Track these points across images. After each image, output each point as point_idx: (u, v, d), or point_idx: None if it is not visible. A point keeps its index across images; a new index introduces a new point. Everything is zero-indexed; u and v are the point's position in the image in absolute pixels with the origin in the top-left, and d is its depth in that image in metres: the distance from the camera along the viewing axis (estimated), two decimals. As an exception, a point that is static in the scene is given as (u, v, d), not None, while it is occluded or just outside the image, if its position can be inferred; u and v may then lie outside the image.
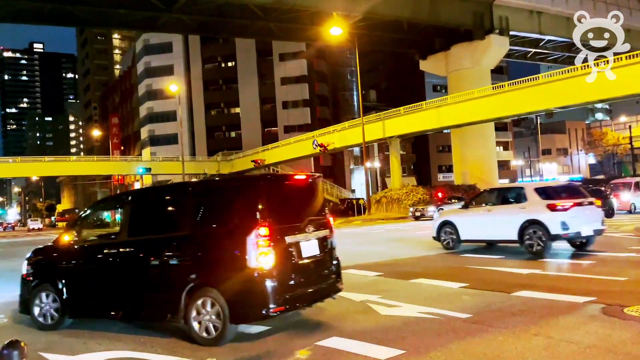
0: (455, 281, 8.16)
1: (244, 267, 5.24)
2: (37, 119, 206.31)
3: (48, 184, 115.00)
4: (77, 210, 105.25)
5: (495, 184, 43.84)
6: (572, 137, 78.97)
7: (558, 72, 31.78)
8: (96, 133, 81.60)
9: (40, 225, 78.09)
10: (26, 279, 6.82)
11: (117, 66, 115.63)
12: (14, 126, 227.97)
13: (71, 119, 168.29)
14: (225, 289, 5.30)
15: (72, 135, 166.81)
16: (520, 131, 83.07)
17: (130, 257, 6.10)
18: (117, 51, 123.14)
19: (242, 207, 5.58)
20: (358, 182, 59.00)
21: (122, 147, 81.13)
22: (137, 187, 70.13)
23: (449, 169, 58.05)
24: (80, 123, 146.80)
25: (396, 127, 40.02)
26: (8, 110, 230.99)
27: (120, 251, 6.20)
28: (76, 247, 6.64)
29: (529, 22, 44.44)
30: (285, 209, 5.76)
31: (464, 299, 7.00)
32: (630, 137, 55.36)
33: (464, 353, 4.63)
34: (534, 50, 51.05)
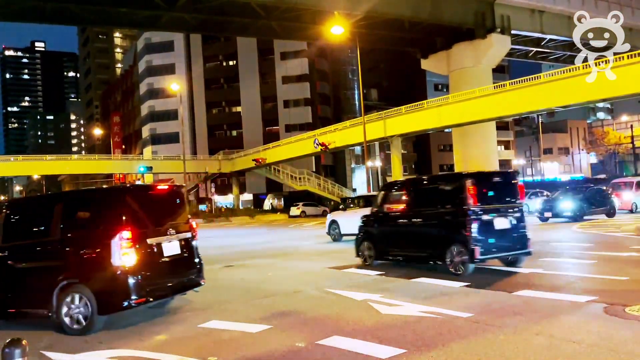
0: (457, 280, 8.16)
1: (109, 265, 6.04)
2: (39, 117, 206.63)
3: (49, 182, 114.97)
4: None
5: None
6: (574, 137, 78.85)
7: (559, 72, 31.66)
8: (97, 132, 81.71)
9: None
10: None
11: (119, 65, 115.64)
12: (16, 125, 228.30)
13: (72, 117, 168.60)
14: (93, 285, 6.06)
15: (74, 134, 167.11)
16: (522, 130, 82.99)
17: (5, 261, 6.63)
18: (118, 50, 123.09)
19: (108, 213, 6.41)
20: (359, 181, 58.98)
21: (124, 146, 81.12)
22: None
23: (450, 168, 57.96)
24: (81, 122, 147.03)
25: (397, 126, 39.96)
26: (9, 108, 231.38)
27: None
28: None
29: (531, 21, 44.34)
30: (148, 215, 6.67)
31: (465, 298, 7.00)
32: (632, 137, 55.33)
33: (465, 352, 4.63)
34: (535, 49, 50.88)
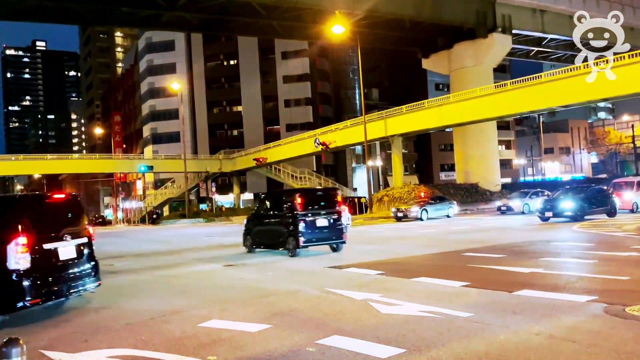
0: (456, 280, 8.15)
1: (5, 269, 6.50)
2: (40, 116, 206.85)
3: (50, 182, 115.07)
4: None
5: (497, 182, 43.89)
6: (575, 136, 78.80)
7: (560, 71, 31.64)
8: (98, 131, 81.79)
9: None
10: None
11: (120, 64, 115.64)
12: (17, 124, 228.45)
13: (73, 116, 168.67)
14: None
15: (75, 133, 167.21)
16: (523, 130, 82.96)
17: None
18: (119, 49, 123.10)
19: (5, 220, 6.73)
20: (360, 181, 58.97)
21: (125, 145, 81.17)
22: (139, 185, 70.30)
23: (451, 168, 57.99)
24: (82, 121, 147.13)
25: (398, 126, 39.97)
26: (11, 108, 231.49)
27: None
28: None
29: (532, 20, 44.34)
30: (45, 222, 7.07)
31: (465, 297, 6.99)
32: (633, 136, 55.32)
33: (465, 352, 4.62)
34: (536, 48, 50.89)
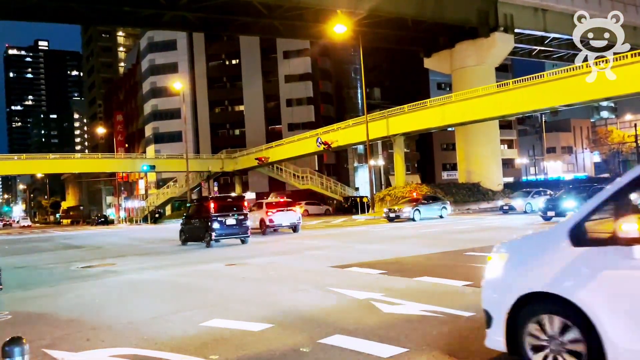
0: (459, 279, 8.14)
1: None
2: (42, 116, 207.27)
3: (53, 181, 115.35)
4: (81, 207, 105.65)
5: (500, 182, 43.85)
6: (577, 135, 78.66)
7: (563, 70, 31.58)
8: (101, 130, 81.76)
9: (29, 223, 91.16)
10: None
11: (122, 64, 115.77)
12: (19, 123, 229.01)
13: (76, 116, 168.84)
14: None
15: (77, 132, 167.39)
16: (525, 129, 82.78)
17: None
18: (121, 49, 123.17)
19: None
20: (362, 180, 58.93)
21: (127, 145, 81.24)
22: (142, 184, 70.35)
23: (453, 167, 57.94)
24: (84, 120, 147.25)
25: (400, 125, 39.94)
26: (13, 107, 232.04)
27: None
28: None
29: (534, 19, 44.24)
30: None
31: (467, 297, 6.98)
32: (636, 136, 55.21)
33: (467, 351, 4.62)
34: (539, 48, 50.79)
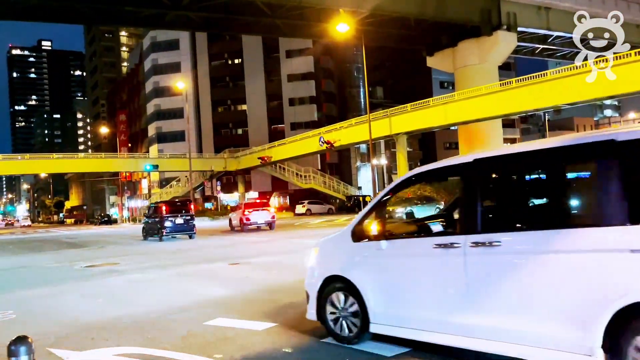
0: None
1: None
2: (46, 116, 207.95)
3: (56, 181, 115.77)
4: (85, 207, 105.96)
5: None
6: (581, 134, 78.44)
7: (566, 69, 31.50)
8: (104, 130, 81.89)
9: (29, 223, 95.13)
10: None
11: (125, 63, 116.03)
12: (23, 123, 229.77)
13: (79, 116, 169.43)
14: None
15: (80, 132, 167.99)
16: (528, 128, 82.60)
17: None
18: (124, 48, 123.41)
19: None
20: (364, 179, 58.93)
21: (130, 144, 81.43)
22: (145, 184, 70.49)
23: (456, 166, 57.79)
24: (88, 120, 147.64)
25: (403, 124, 39.90)
26: (17, 107, 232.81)
27: None
28: None
29: (537, 18, 44.09)
30: None
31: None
32: (639, 134, 54.88)
33: (469, 351, 4.61)
34: (542, 46, 50.66)
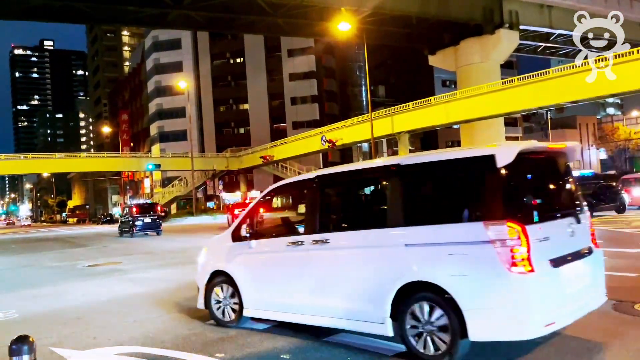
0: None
1: None
2: (48, 116, 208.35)
3: (59, 180, 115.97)
4: (87, 206, 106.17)
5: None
6: (583, 132, 78.17)
7: (568, 67, 31.43)
8: (106, 130, 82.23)
9: (29, 222, 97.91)
10: None
11: (127, 63, 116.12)
12: (25, 123, 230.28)
13: (81, 115, 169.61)
14: None
15: (83, 132, 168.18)
16: (530, 126, 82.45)
17: None
18: (126, 48, 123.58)
19: None
20: (367, 178, 58.79)
21: (132, 144, 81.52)
22: (147, 183, 70.59)
23: (458, 165, 57.69)
24: (90, 120, 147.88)
25: (405, 123, 39.84)
26: (19, 107, 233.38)
27: None
28: None
29: (539, 16, 43.98)
30: None
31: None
32: (642, 132, 54.84)
33: (469, 350, 4.60)
34: (544, 44, 50.52)
